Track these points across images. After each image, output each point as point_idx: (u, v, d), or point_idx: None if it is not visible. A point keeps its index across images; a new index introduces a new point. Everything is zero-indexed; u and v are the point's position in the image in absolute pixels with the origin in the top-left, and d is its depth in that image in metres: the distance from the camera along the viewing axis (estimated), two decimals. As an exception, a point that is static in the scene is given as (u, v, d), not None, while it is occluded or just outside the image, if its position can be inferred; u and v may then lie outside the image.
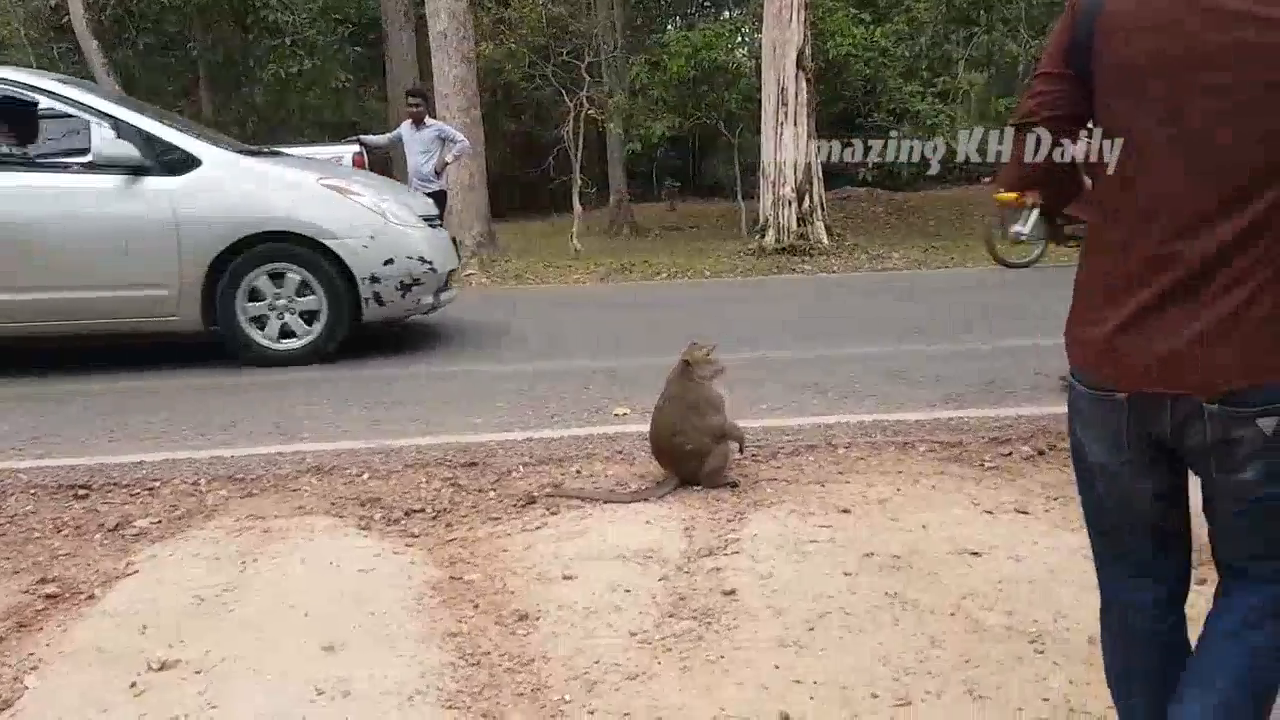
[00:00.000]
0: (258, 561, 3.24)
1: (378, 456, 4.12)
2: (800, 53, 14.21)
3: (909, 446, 4.03)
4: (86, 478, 3.78)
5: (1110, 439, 1.69)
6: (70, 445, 4.34)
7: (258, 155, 6.74)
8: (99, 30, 19.40)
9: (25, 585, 3.09)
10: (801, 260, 13.38)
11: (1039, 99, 1.70)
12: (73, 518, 3.49)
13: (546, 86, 19.89)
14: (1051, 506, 3.47)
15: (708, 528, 3.44)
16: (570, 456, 4.13)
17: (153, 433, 4.52)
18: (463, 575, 3.23)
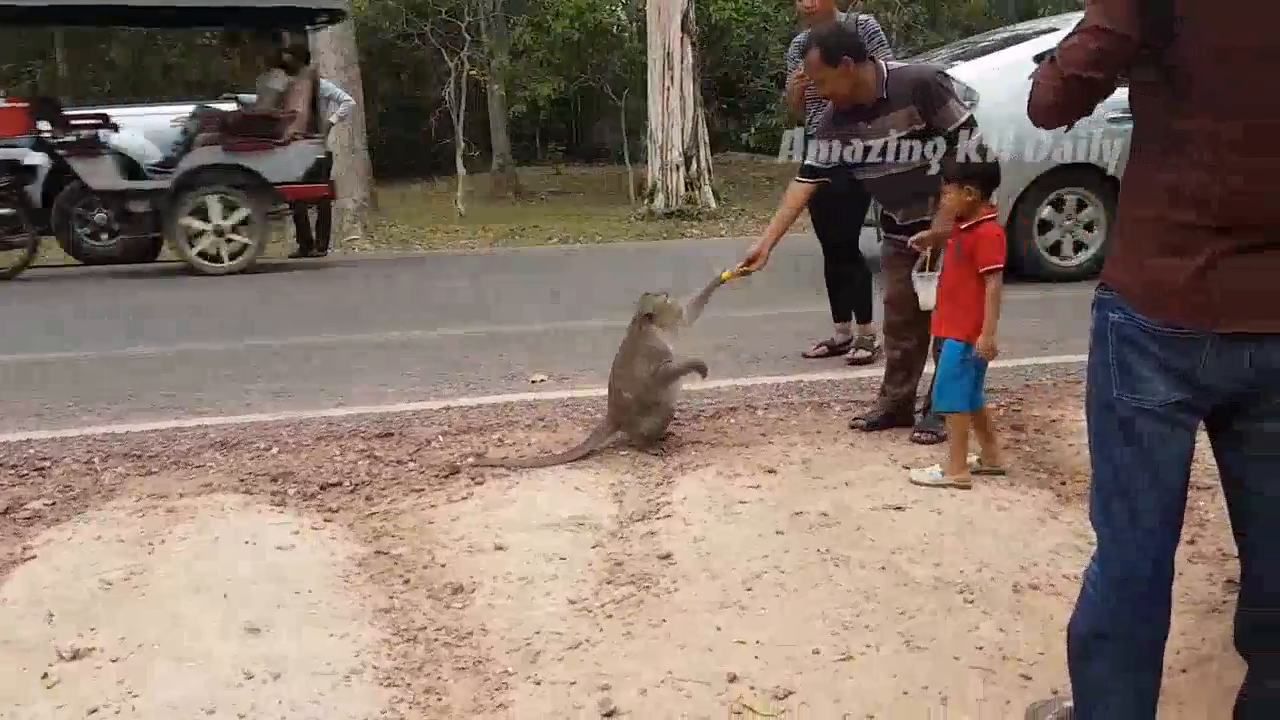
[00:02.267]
0: (166, 543, 3.08)
1: (286, 429, 3.96)
2: (685, 16, 14.18)
3: (825, 406, 4.07)
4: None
5: (1177, 378, 1.71)
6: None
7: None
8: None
9: (-88, 575, 2.87)
10: (690, 224, 13.42)
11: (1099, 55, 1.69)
12: (-37, 504, 3.26)
13: (425, 46, 19.35)
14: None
15: (637, 492, 3.41)
16: (491, 425, 4.05)
17: (34, 409, 4.25)
18: (389, 549, 3.13)
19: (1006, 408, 4.02)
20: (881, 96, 3.73)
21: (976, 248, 3.34)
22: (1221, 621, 2.50)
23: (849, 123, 3.81)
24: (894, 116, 3.72)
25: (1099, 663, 1.83)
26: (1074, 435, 3.71)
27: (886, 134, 3.72)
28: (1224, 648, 2.37)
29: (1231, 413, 1.75)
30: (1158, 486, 1.76)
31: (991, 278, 3.31)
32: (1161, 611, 1.82)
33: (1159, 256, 1.70)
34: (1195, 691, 2.27)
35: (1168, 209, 1.70)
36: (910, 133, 3.71)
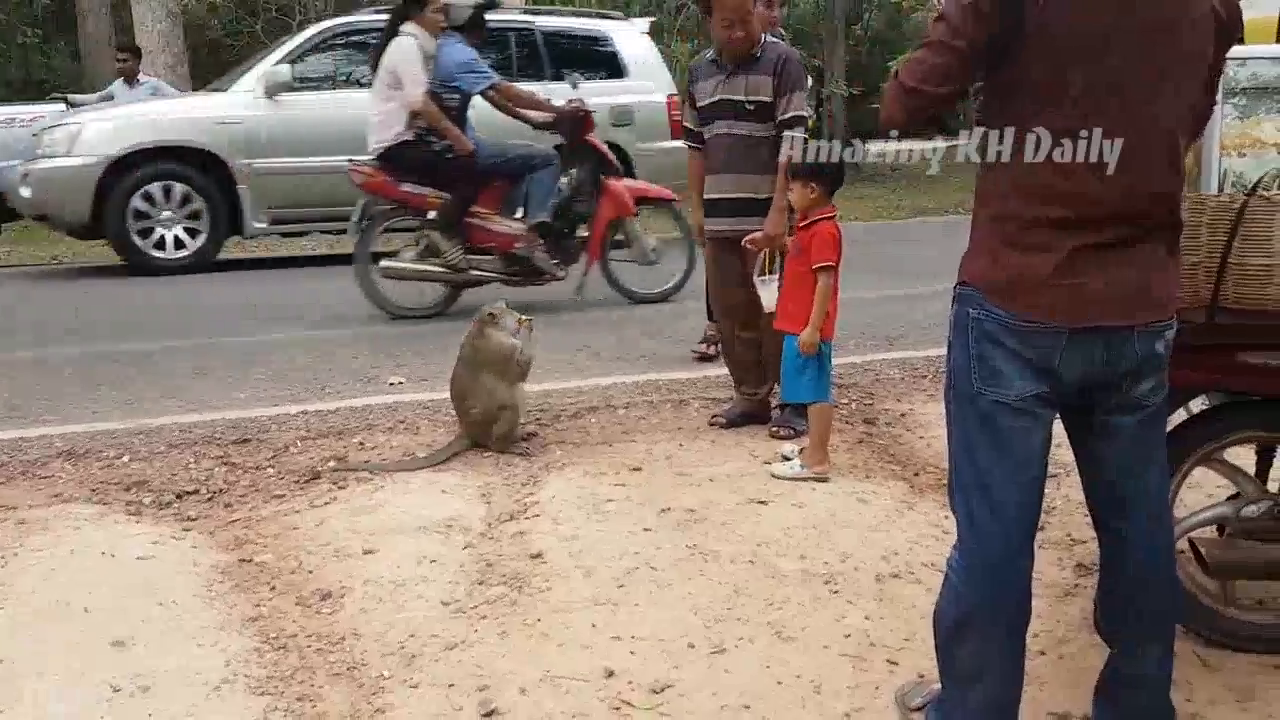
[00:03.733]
0: (19, 556, 2.93)
1: (137, 437, 3.80)
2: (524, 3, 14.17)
3: (684, 404, 4.15)
4: None
5: (1035, 371, 1.81)
6: None
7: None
8: None
9: None
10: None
11: (944, 70, 1.78)
12: None
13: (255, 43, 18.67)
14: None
15: (505, 493, 3.42)
16: (350, 428, 3.97)
17: None
18: (252, 557, 3.06)
19: (858, 402, 4.19)
20: (755, 55, 3.83)
21: (812, 244, 3.46)
22: (1074, 604, 2.69)
23: (719, 73, 3.87)
24: (757, 80, 3.80)
25: (967, 647, 1.92)
26: (923, 428, 3.91)
27: (742, 93, 3.81)
28: (1079, 629, 2.55)
29: (1087, 405, 1.88)
30: (1017, 478, 1.86)
31: (822, 274, 3.43)
32: (1023, 597, 1.92)
33: (1017, 253, 1.79)
34: (1054, 672, 2.41)
35: (1023, 206, 1.79)
36: (752, 104, 3.80)
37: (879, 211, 12.87)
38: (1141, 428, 1.90)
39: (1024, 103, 1.77)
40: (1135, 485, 1.93)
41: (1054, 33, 1.70)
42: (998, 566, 1.89)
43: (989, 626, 1.90)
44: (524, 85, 6.78)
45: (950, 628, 1.95)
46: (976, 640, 1.91)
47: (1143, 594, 1.98)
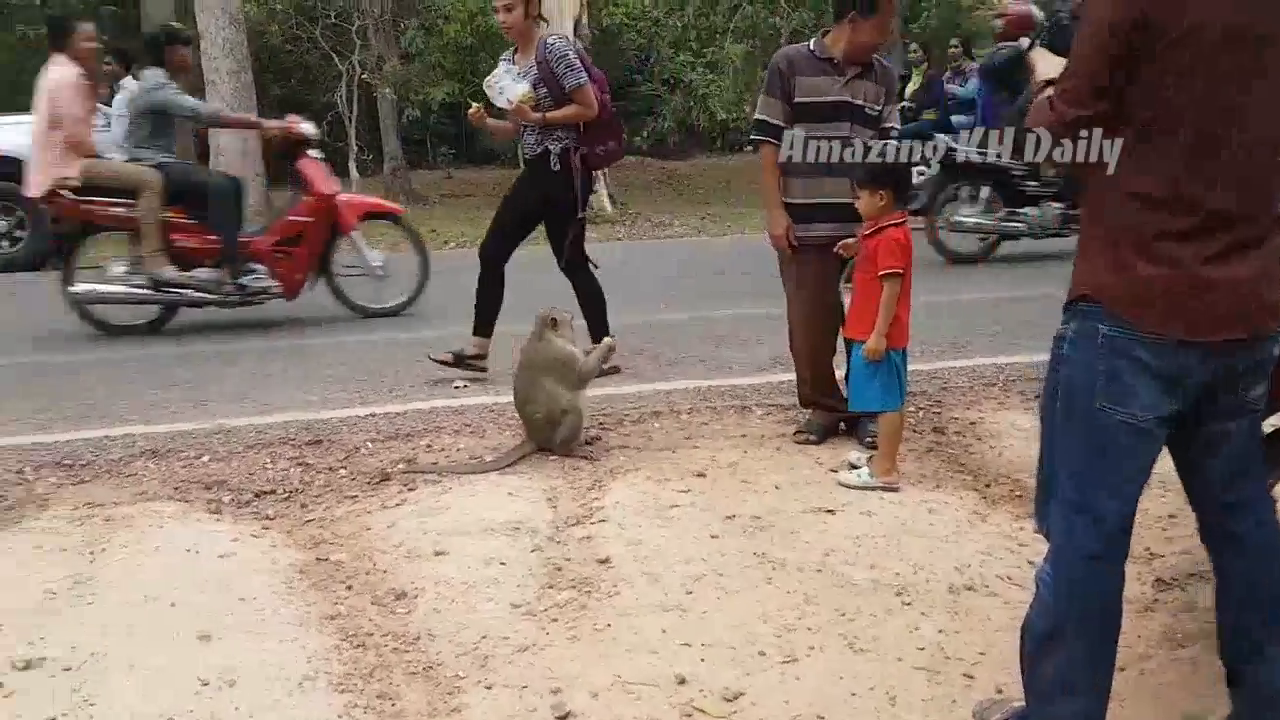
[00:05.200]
0: (107, 551, 3.01)
1: (215, 438, 3.88)
2: (577, 21, 14.22)
3: (747, 410, 4.16)
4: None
5: (1165, 387, 1.80)
6: None
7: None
8: None
9: None
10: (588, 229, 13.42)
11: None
12: (-116, 515, 3.12)
13: (314, 50, 18.92)
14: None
15: (570, 497, 3.45)
16: (418, 431, 4.03)
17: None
18: (329, 556, 3.12)
19: (927, 410, 4.17)
20: (872, 62, 3.82)
21: (878, 251, 3.44)
22: (1154, 620, 2.67)
23: (835, 74, 3.78)
24: (875, 87, 3.80)
25: (1055, 661, 1.91)
26: (994, 438, 3.88)
27: (864, 99, 3.78)
28: (1159, 645, 2.53)
29: (1198, 416, 1.86)
30: (1122, 493, 1.86)
31: (888, 281, 3.41)
32: (1115, 611, 1.91)
33: (1147, 265, 1.76)
34: (1134, 689, 2.39)
35: (1148, 216, 1.77)
36: (872, 110, 3.79)
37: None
38: (1248, 431, 1.91)
39: (1146, 112, 1.76)
40: (1245, 489, 1.94)
41: (1179, 47, 1.70)
42: (1092, 580, 1.89)
43: (1079, 640, 1.90)
44: None
45: (1039, 641, 1.94)
46: (1065, 654, 1.90)
47: (1268, 593, 1.96)
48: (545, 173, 4.45)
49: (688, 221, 14.23)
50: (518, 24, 4.36)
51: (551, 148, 4.42)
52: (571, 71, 4.36)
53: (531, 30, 4.42)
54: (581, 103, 4.39)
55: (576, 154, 4.45)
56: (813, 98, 3.78)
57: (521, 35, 4.42)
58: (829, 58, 3.80)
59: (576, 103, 4.39)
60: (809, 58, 3.83)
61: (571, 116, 4.41)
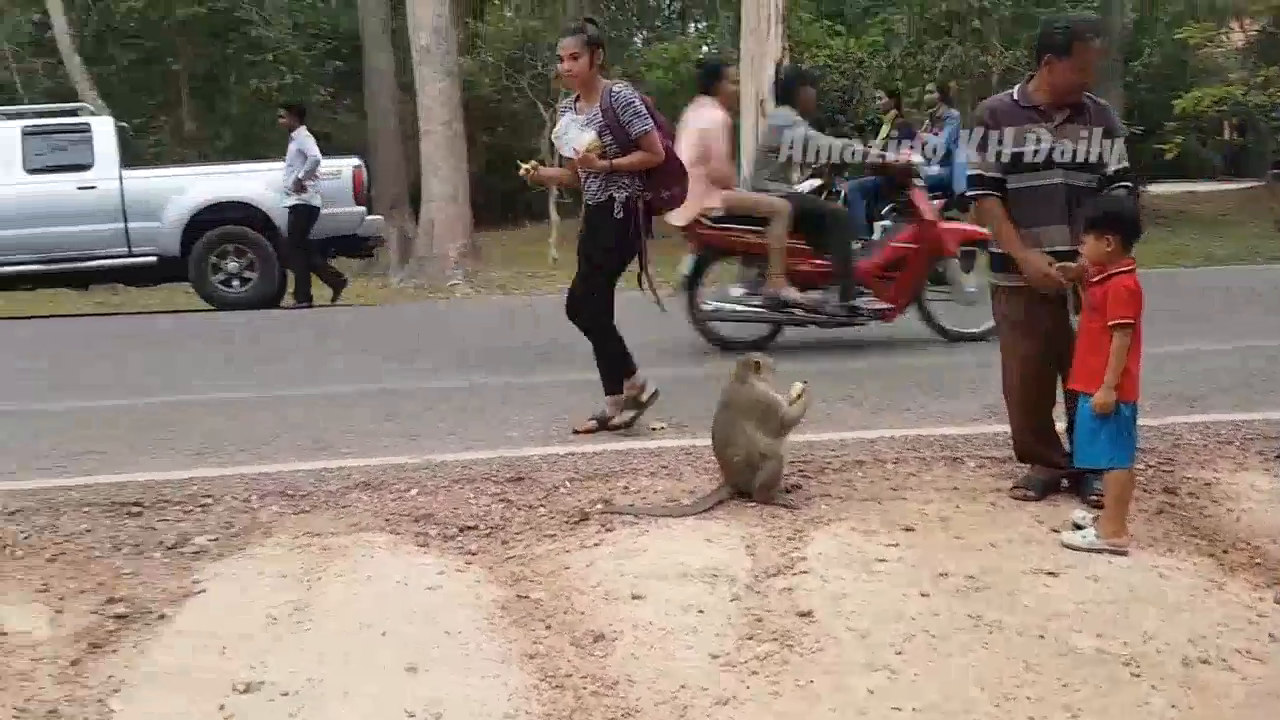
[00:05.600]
0: (323, 580, 3.17)
1: (424, 472, 4.04)
2: (778, 64, 14.25)
3: (958, 462, 4.00)
4: (138, 494, 3.66)
5: None
6: (115, 462, 4.20)
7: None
8: (82, 46, 19.16)
9: (93, 605, 3.00)
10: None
11: None
12: (130, 536, 3.39)
13: (521, 99, 19.78)
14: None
15: (770, 546, 3.40)
16: (615, 471, 4.07)
17: (194, 448, 4.40)
18: (528, 594, 3.18)
19: (1156, 468, 3.91)
20: (1083, 103, 3.69)
21: (1107, 299, 3.28)
22: None
23: (1043, 120, 3.68)
24: (1090, 129, 3.66)
25: None
26: (1231, 500, 3.61)
27: (1078, 142, 3.64)
28: None
29: None
30: None
31: (1118, 332, 3.25)
32: None
33: None
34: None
35: None
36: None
37: (1164, 257, 12.07)
38: None
39: None
40: None
41: None
42: None
43: None
44: None
45: None
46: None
47: None
48: (609, 219, 4.46)
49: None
50: (582, 73, 4.39)
51: (616, 195, 4.43)
52: (639, 118, 4.38)
53: (595, 79, 4.46)
54: (648, 149, 4.41)
55: (640, 200, 4.47)
56: (1021, 147, 3.67)
57: (585, 84, 4.46)
58: (1034, 105, 3.69)
59: (642, 149, 4.41)
60: (1013, 106, 3.74)
61: (638, 164, 4.42)
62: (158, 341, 8.46)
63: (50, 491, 3.74)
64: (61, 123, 11.11)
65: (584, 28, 4.48)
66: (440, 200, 13.82)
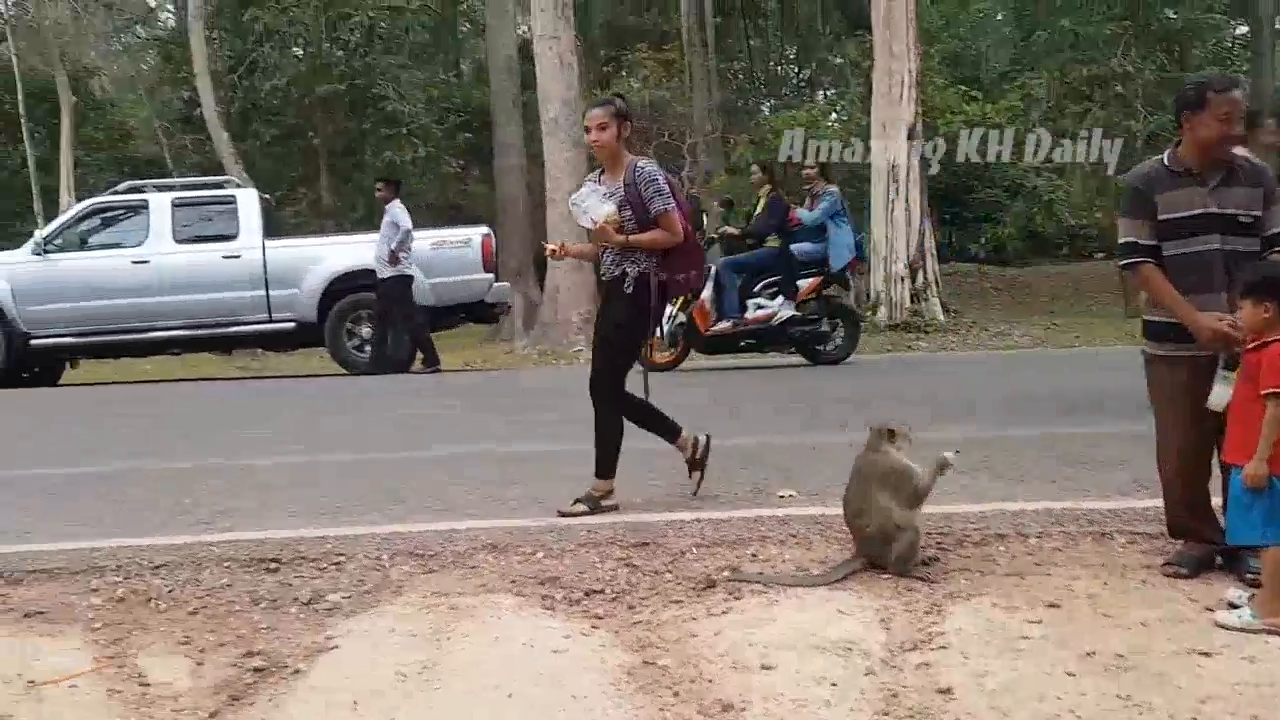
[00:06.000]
0: (451, 639, 3.23)
1: (550, 535, 4.09)
2: (911, 129, 14.24)
3: (1107, 537, 3.86)
4: (275, 551, 3.81)
5: None
6: (254, 518, 4.40)
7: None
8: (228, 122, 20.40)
9: (232, 658, 3.12)
10: (916, 337, 13.23)
11: None
12: (267, 591, 3.52)
13: (646, 168, 20.17)
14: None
15: (905, 619, 3.34)
16: (743, 539, 4.05)
17: (327, 508, 4.56)
18: (655, 660, 3.18)
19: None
20: (1238, 165, 3.61)
21: (1262, 368, 3.16)
22: None
23: (1196, 184, 3.59)
24: (1247, 192, 3.57)
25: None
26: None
27: (1236, 207, 3.55)
28: None
29: None
30: None
31: (1271, 402, 3.12)
32: None
33: None
34: None
35: None
36: (1248, 218, 3.55)
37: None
38: None
39: None
40: None
41: None
42: None
43: None
44: None
45: None
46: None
47: None
48: (620, 294, 4.45)
49: (1030, 331, 13.68)
50: (609, 144, 4.41)
51: (629, 270, 4.42)
52: (660, 196, 4.38)
53: (621, 152, 4.47)
54: (666, 228, 4.40)
55: (655, 278, 4.44)
56: (1176, 213, 3.58)
57: (611, 156, 4.47)
58: (1185, 168, 3.60)
59: (661, 228, 4.40)
60: (1165, 172, 3.65)
61: (655, 241, 4.41)
62: (295, 404, 8.85)
63: (193, 547, 3.92)
64: (209, 195, 11.83)
65: (613, 100, 4.53)
66: (565, 267, 14.16)
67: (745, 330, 9.88)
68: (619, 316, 4.50)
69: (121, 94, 30.67)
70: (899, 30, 14.04)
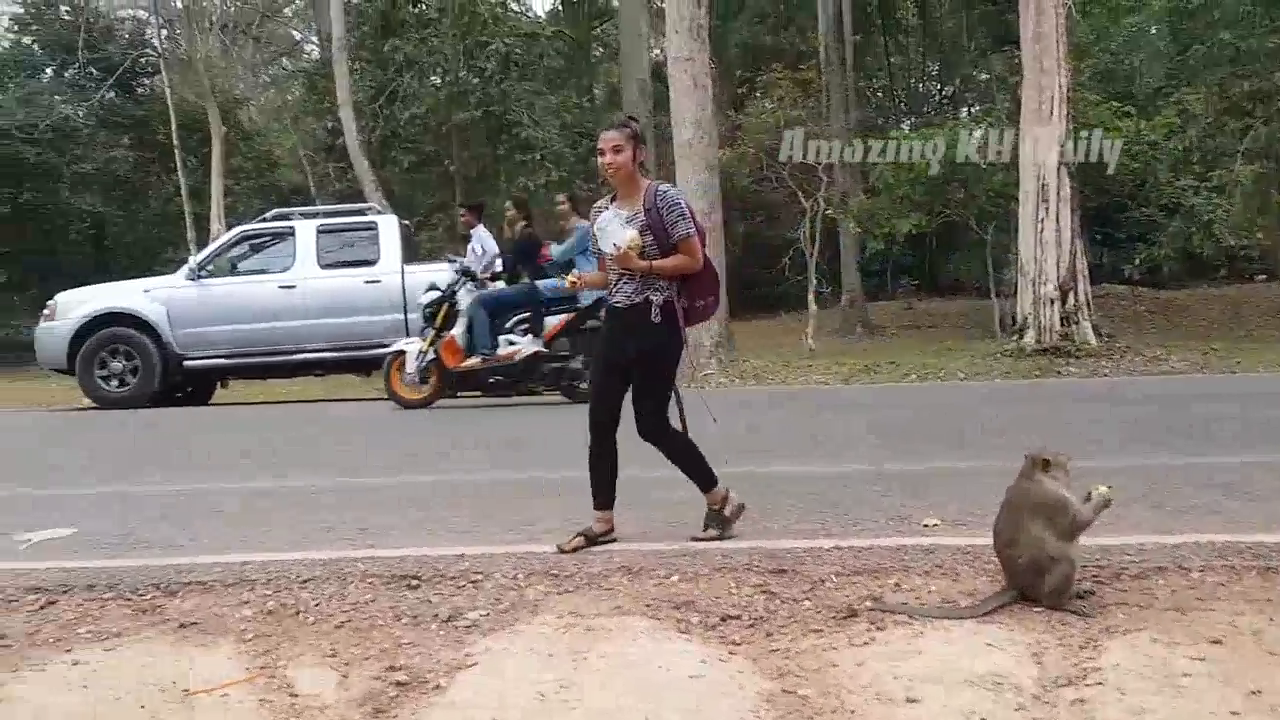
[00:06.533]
0: (588, 660, 3.27)
1: (684, 559, 4.11)
2: (1062, 147, 13.85)
3: (1273, 572, 3.68)
4: (416, 569, 3.93)
5: None
6: (393, 537, 4.55)
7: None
8: (368, 150, 21.21)
9: (376, 671, 3.23)
10: (1066, 362, 12.81)
11: None
12: (409, 607, 3.64)
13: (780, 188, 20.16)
14: None
15: (1059, 654, 3.24)
16: (885, 568, 3.99)
17: (461, 527, 4.69)
18: (795, 689, 3.16)
19: None
20: None
21: None
22: None
23: None
24: None
25: None
26: None
27: None
28: None
29: None
30: None
31: None
32: None
33: None
34: None
35: None
36: None
37: None
38: None
39: None
40: None
41: None
42: None
43: None
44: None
45: None
46: None
47: None
48: (645, 323, 4.29)
49: (1186, 356, 13.11)
50: (625, 166, 4.29)
51: (653, 298, 4.28)
52: (683, 221, 4.27)
53: (636, 175, 4.36)
54: (688, 254, 4.29)
55: (679, 306, 4.32)
56: None
57: (628, 179, 4.34)
58: None
59: (683, 254, 4.28)
60: None
61: (678, 268, 4.29)
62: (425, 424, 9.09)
63: (338, 562, 4.08)
64: (351, 221, 12.32)
65: (627, 122, 4.45)
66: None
67: (494, 367, 9.98)
68: (646, 345, 4.33)
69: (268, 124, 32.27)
70: (1049, 45, 13.69)
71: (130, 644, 3.48)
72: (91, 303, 11.85)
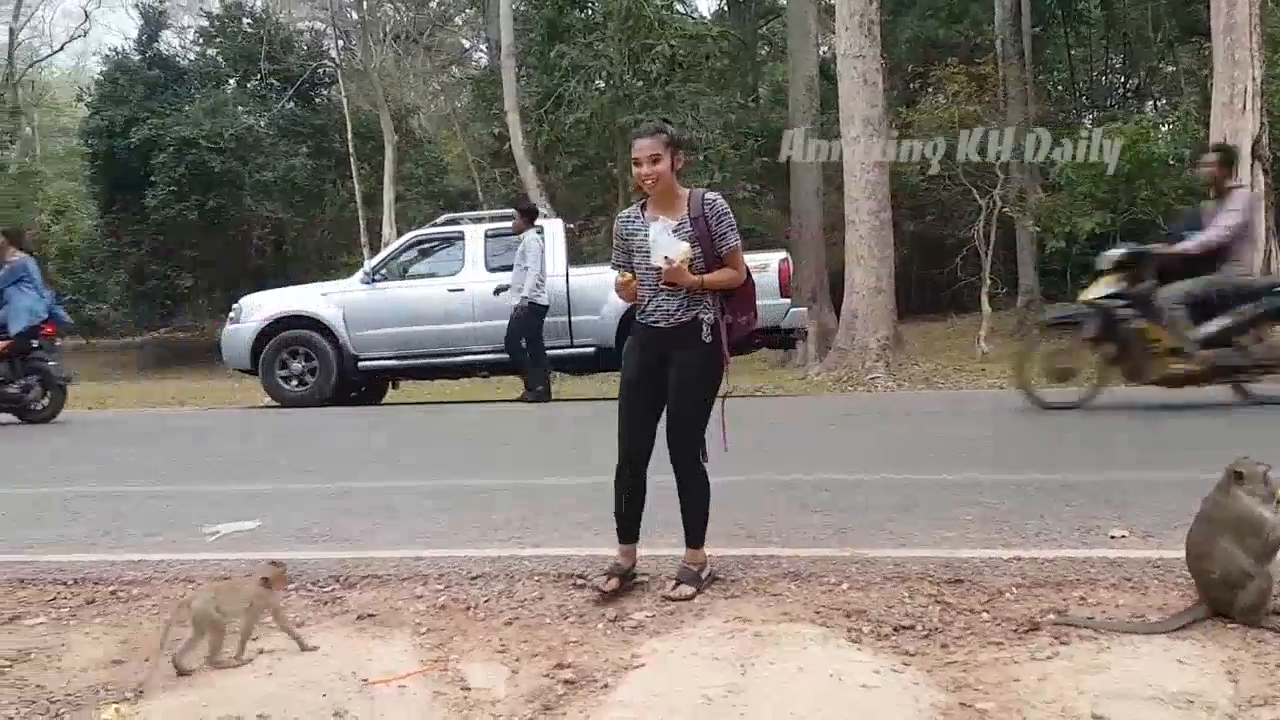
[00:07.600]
0: (756, 666, 3.27)
1: (854, 566, 4.06)
2: (1256, 141, 13.09)
3: None
4: (581, 567, 4.01)
5: None
6: (555, 535, 4.67)
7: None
8: (534, 154, 21.71)
9: (544, 669, 3.31)
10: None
11: None
12: (575, 606, 3.72)
13: (954, 186, 19.65)
14: None
15: (1254, 672, 3.09)
16: (1068, 580, 3.86)
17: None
18: (973, 703, 3.09)
19: None
20: None
21: None
22: None
23: None
24: None
25: None
26: None
27: None
28: None
29: None
30: None
31: None
32: None
33: None
34: None
35: None
36: None
37: None
38: None
39: None
40: None
41: None
42: None
43: None
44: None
45: None
46: None
47: None
48: (696, 343, 3.97)
49: None
50: (664, 176, 3.98)
51: (703, 317, 3.97)
52: (732, 232, 4.02)
53: (675, 184, 4.05)
54: (735, 266, 4.02)
55: (724, 323, 4.02)
56: None
57: (667, 189, 4.02)
58: None
59: (729, 266, 4.01)
60: None
61: (728, 281, 4.01)
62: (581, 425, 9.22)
63: (506, 560, 4.19)
64: (518, 225, 12.61)
65: (663, 128, 4.11)
66: (864, 291, 13.99)
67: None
68: (696, 370, 4.02)
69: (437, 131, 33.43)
70: (1242, 36, 12.97)
71: (312, 634, 3.66)
72: (273, 306, 12.52)
